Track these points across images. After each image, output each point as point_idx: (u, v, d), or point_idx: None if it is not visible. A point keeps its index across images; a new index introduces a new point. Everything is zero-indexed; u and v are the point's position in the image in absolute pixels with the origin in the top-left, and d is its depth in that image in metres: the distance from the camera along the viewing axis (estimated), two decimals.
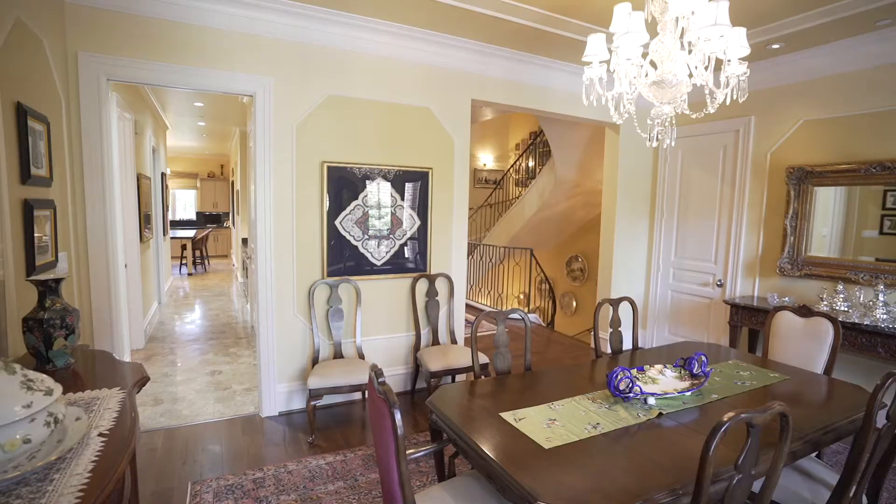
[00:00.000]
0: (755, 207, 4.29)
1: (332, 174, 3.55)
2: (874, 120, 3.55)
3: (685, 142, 4.84)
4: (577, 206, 7.30)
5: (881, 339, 3.20)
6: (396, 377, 3.98)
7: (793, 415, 2.04)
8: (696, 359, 2.30)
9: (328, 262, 3.61)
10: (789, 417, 1.42)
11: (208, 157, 13.51)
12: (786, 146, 4.08)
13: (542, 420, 1.87)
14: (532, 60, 4.12)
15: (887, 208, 3.55)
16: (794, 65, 3.90)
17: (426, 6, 3.12)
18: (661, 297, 5.12)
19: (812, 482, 2.00)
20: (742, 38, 1.99)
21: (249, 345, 5.30)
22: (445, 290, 4.08)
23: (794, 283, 4.05)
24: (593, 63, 2.09)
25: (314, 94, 3.43)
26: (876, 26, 3.26)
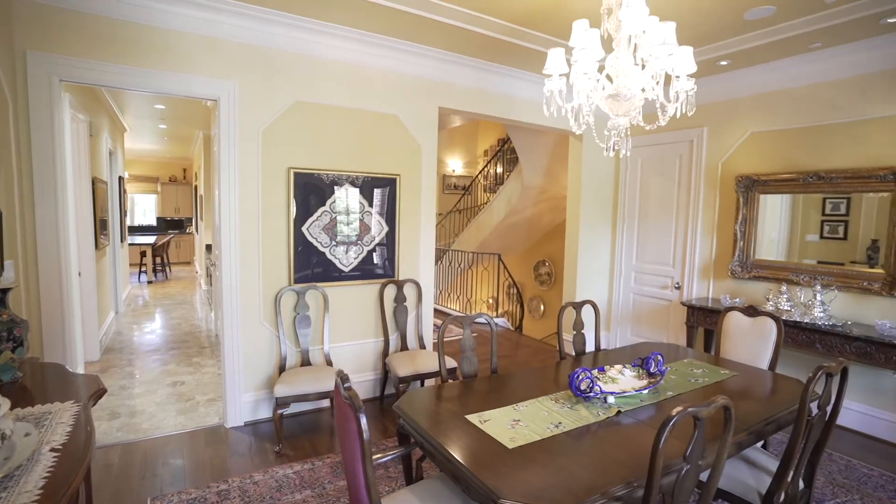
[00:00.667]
0: (709, 213, 4.51)
1: (299, 180, 3.54)
2: (812, 133, 3.80)
3: (644, 150, 5.05)
4: (544, 211, 7.47)
5: (819, 335, 3.43)
6: (365, 383, 3.98)
7: (737, 408, 2.17)
8: (653, 358, 2.42)
9: (295, 269, 3.59)
10: (732, 410, 1.52)
11: (170, 160, 13.10)
12: (735, 156, 4.31)
13: (507, 421, 1.93)
14: (498, 70, 4.22)
15: (826, 214, 3.80)
16: (742, 80, 4.14)
17: (393, 15, 3.16)
18: (624, 300, 5.30)
19: (756, 470, 2.13)
20: (689, 57, 2.12)
21: (214, 354, 5.17)
22: (414, 296, 4.11)
23: (744, 285, 4.27)
24: (553, 76, 2.18)
25: (281, 100, 3.42)
26: (809, 48, 3.51)
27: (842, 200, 3.69)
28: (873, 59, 3.42)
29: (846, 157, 3.63)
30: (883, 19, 3.00)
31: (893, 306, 3.42)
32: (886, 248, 3.45)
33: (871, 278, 3.52)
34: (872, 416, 3.53)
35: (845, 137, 3.62)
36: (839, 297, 3.67)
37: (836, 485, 2.84)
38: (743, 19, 3.14)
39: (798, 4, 2.90)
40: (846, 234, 3.70)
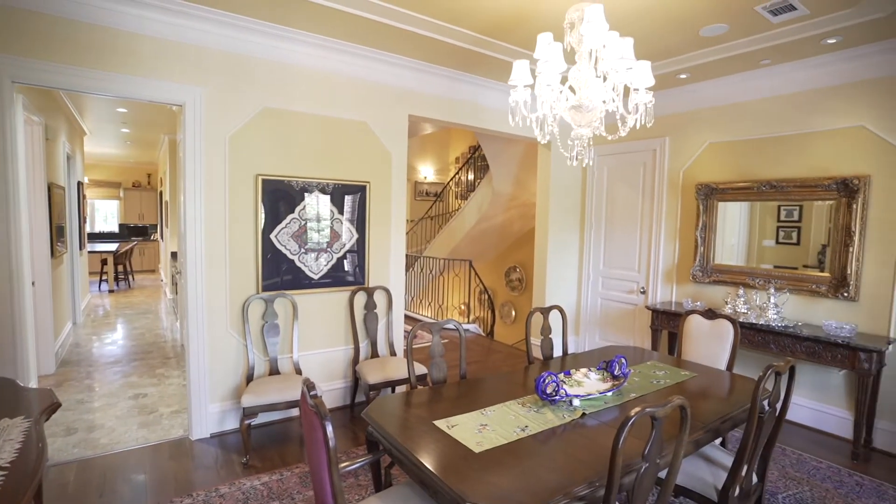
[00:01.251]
0: (671, 220, 4.68)
1: (268, 187, 3.50)
2: (764, 144, 4.00)
3: (610, 158, 5.20)
4: (515, 218, 7.57)
5: (773, 336, 3.59)
6: (335, 391, 3.94)
7: (695, 407, 2.26)
8: (617, 361, 2.49)
9: (263, 277, 3.54)
10: (687, 410, 1.58)
11: (133, 165, 12.70)
12: (695, 165, 4.49)
13: (474, 426, 1.95)
14: (468, 79, 4.28)
15: (781, 221, 3.99)
16: (700, 93, 4.33)
17: (362, 24, 3.18)
18: (592, 305, 5.42)
19: (714, 466, 2.22)
20: (647, 71, 2.22)
21: (179, 364, 5.02)
22: (384, 303, 4.10)
23: (705, 289, 4.44)
24: (518, 87, 2.24)
25: (249, 106, 3.38)
26: (760, 64, 3.71)
27: (795, 207, 3.89)
28: (818, 77, 3.63)
29: (795, 168, 3.83)
30: (824, 40, 3.20)
31: (838, 307, 3.62)
32: (831, 253, 3.65)
33: (818, 281, 3.72)
34: (821, 411, 3.72)
35: (794, 149, 3.83)
36: (791, 299, 3.85)
37: (789, 477, 2.98)
38: (699, 35, 3.29)
39: (748, 23, 3.06)
40: (799, 239, 3.89)
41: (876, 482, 2.96)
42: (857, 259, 3.51)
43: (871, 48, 3.28)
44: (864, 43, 3.25)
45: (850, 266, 3.53)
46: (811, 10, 2.87)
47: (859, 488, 2.89)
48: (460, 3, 2.89)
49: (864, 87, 3.46)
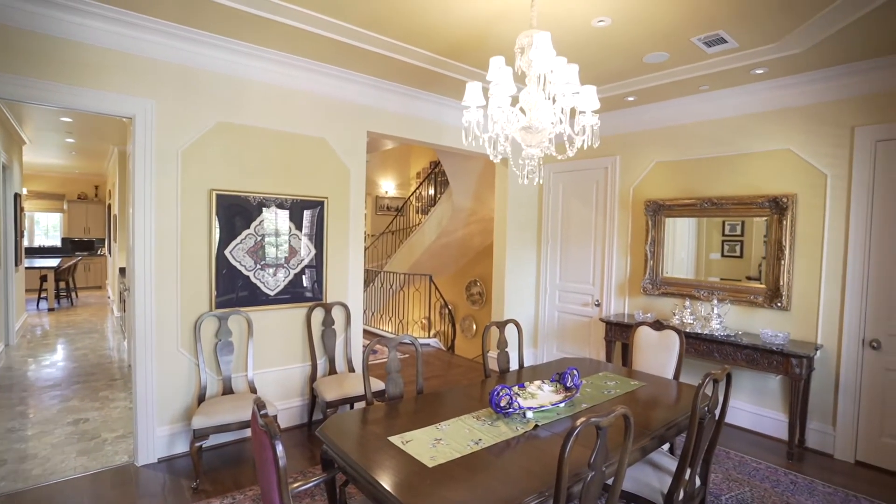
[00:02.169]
0: (623, 235, 4.88)
1: (222, 202, 3.44)
2: (705, 164, 4.27)
3: (565, 176, 5.39)
4: (475, 232, 7.69)
5: (716, 345, 3.79)
6: (292, 409, 3.86)
7: (642, 415, 2.36)
8: (569, 373, 2.57)
9: (218, 294, 3.45)
10: (630, 418, 1.66)
11: (79, 176, 12.09)
12: (644, 183, 4.73)
13: (429, 440, 1.97)
14: (426, 97, 4.36)
15: (726, 235, 4.24)
16: (647, 115, 4.58)
17: (319, 41, 3.21)
18: (550, 318, 5.55)
19: (660, 472, 2.32)
20: (593, 95, 2.34)
21: (126, 386, 4.78)
22: (342, 319, 4.07)
23: (655, 301, 4.64)
24: (471, 107, 2.32)
25: (202, 120, 3.33)
26: (699, 90, 3.98)
27: (738, 222, 4.14)
28: (749, 103, 3.92)
29: (733, 186, 4.10)
30: (753, 70, 3.47)
31: (774, 317, 3.87)
32: (766, 266, 3.91)
33: (756, 292, 3.97)
34: (761, 415, 3.94)
35: (731, 169, 4.10)
36: (732, 309, 4.09)
37: (731, 479, 3.14)
38: (643, 62, 3.50)
39: (686, 53, 3.29)
40: (742, 252, 4.14)
41: (808, 479, 3.16)
42: (789, 271, 3.78)
43: (793, 79, 3.59)
44: (786, 74, 3.55)
45: (783, 278, 3.79)
46: (740, 44, 3.12)
47: (793, 486, 3.07)
48: (418, 24, 2.97)
49: (789, 113, 3.76)
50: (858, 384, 3.45)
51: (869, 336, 3.41)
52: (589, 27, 2.91)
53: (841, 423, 3.51)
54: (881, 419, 3.37)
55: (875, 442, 3.39)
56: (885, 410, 3.35)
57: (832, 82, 3.50)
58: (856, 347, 3.45)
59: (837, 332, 3.55)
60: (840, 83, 3.47)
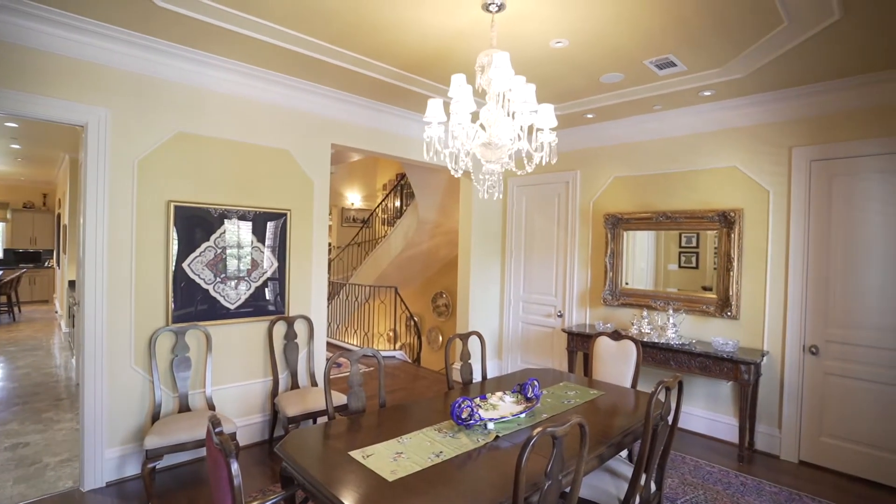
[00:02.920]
0: (584, 247, 5.03)
1: (181, 214, 3.35)
2: (659, 180, 4.47)
3: (528, 189, 5.52)
4: (441, 244, 7.73)
5: (671, 353, 3.94)
6: (253, 426, 3.76)
7: (599, 423, 2.43)
8: (530, 384, 2.62)
9: (175, 308, 3.35)
10: (586, 427, 1.72)
11: (25, 183, 11.47)
12: (603, 197, 4.89)
13: (390, 454, 1.97)
14: (391, 111, 4.40)
15: (682, 246, 4.42)
16: (605, 132, 4.76)
17: (282, 54, 3.20)
18: (514, 329, 5.63)
19: (617, 479, 2.39)
20: (550, 113, 2.43)
21: (73, 406, 4.54)
22: (305, 332, 4.01)
23: (614, 311, 4.79)
24: (433, 123, 2.36)
25: (161, 130, 3.25)
26: (653, 109, 4.18)
27: (693, 235, 4.32)
28: (699, 123, 4.14)
29: (686, 201, 4.30)
30: (701, 92, 3.68)
31: (724, 325, 4.06)
32: (717, 277, 4.11)
33: (708, 302, 4.15)
34: (714, 420, 4.10)
35: (684, 184, 4.31)
36: (687, 319, 4.26)
37: (687, 484, 3.25)
38: (600, 82, 3.65)
39: (639, 74, 3.46)
40: (698, 263, 4.32)
41: (756, 480, 3.31)
42: (737, 282, 3.98)
43: (737, 101, 3.82)
44: (731, 97, 3.78)
45: (732, 288, 3.99)
46: (688, 67, 3.30)
47: (743, 487, 3.21)
48: (382, 40, 3.01)
49: (734, 133, 3.99)
50: (800, 388, 3.65)
51: (808, 342, 3.63)
52: (548, 48, 3.03)
53: (785, 425, 3.71)
54: (820, 420, 3.57)
55: (816, 442, 3.59)
56: (824, 412, 3.56)
57: (772, 105, 3.74)
58: (797, 353, 3.66)
59: (781, 339, 3.76)
60: (779, 106, 3.72)
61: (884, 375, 3.31)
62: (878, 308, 3.34)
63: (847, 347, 3.47)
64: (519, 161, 2.52)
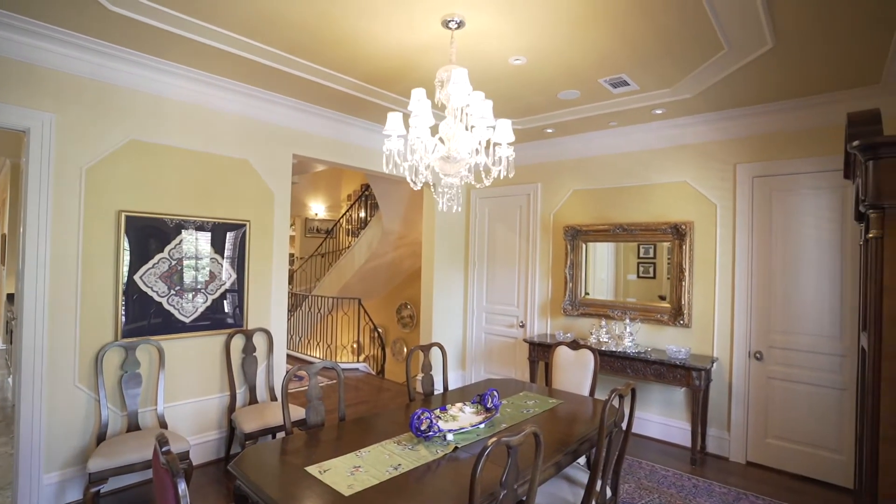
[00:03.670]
0: (545, 258, 5.14)
1: (133, 224, 3.23)
2: (616, 193, 4.63)
3: (490, 201, 5.61)
4: (405, 255, 7.72)
5: (628, 361, 4.07)
6: (208, 443, 3.63)
7: (556, 431, 2.47)
8: (489, 394, 2.65)
9: (126, 322, 3.21)
10: (540, 436, 1.75)
11: None
12: (563, 209, 5.03)
13: (347, 468, 1.95)
14: (354, 122, 4.40)
15: (640, 257, 4.58)
16: (565, 146, 4.91)
17: (243, 63, 3.16)
18: (477, 339, 5.67)
19: (574, 486, 2.44)
20: (508, 128, 2.50)
21: (8, 429, 4.25)
22: (264, 346, 3.92)
23: (574, 321, 4.90)
24: (392, 136, 2.39)
25: (112, 137, 3.14)
26: (609, 125, 4.35)
27: (651, 245, 4.49)
28: (652, 139, 4.34)
29: (641, 214, 4.47)
30: (653, 110, 3.86)
31: (678, 333, 4.22)
32: (671, 287, 4.28)
33: (662, 311, 4.31)
34: (669, 425, 4.25)
35: (640, 198, 4.48)
36: (643, 328, 4.41)
37: (643, 488, 3.34)
38: (557, 98, 3.77)
39: (595, 92, 3.60)
40: (655, 273, 4.49)
41: (707, 482, 3.44)
42: (689, 291, 4.16)
43: (686, 120, 4.03)
44: (681, 115, 3.98)
45: (684, 297, 4.16)
46: (641, 87, 3.46)
47: (695, 489, 3.33)
48: (344, 53, 3.02)
49: (685, 150, 4.20)
50: (747, 392, 3.84)
51: (754, 348, 3.82)
52: (507, 64, 3.11)
53: (734, 428, 3.88)
54: (765, 422, 3.76)
55: (762, 443, 3.77)
56: (769, 414, 3.75)
57: (718, 124, 3.97)
58: (744, 359, 3.85)
59: (729, 345, 3.94)
60: (724, 125, 3.95)
61: (820, 378, 3.53)
62: (813, 315, 3.56)
63: (788, 352, 3.68)
64: (478, 174, 2.56)
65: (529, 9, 2.42)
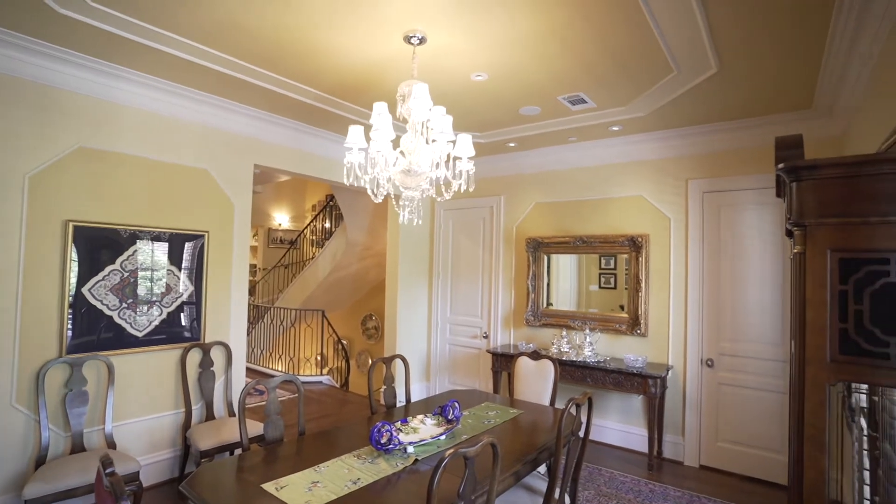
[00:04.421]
0: (507, 270, 5.22)
1: (83, 235, 3.10)
2: (576, 206, 4.77)
3: (454, 213, 5.67)
4: (370, 266, 7.67)
5: (588, 371, 4.17)
6: (162, 462, 3.48)
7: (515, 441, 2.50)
8: (450, 405, 2.66)
9: (72, 337, 3.06)
10: (497, 447, 1.78)
11: None
12: (525, 221, 5.13)
13: (305, 484, 1.92)
14: (317, 133, 4.37)
15: (602, 268, 4.71)
16: (527, 160, 5.03)
17: (200, 71, 3.11)
18: (441, 351, 5.68)
19: (534, 495, 2.47)
20: (468, 143, 2.55)
21: None
22: (223, 359, 3.81)
23: (537, 332, 4.99)
24: (353, 149, 2.40)
25: (59, 144, 3.01)
26: (568, 141, 4.49)
27: (611, 257, 4.62)
28: (610, 154, 4.50)
29: (600, 226, 4.62)
30: (610, 127, 4.02)
31: (635, 342, 4.36)
32: (628, 297, 4.43)
33: (620, 321, 4.45)
34: (628, 432, 4.36)
35: (599, 211, 4.63)
36: (603, 337, 4.53)
37: (602, 495, 3.42)
38: (519, 114, 3.87)
39: (554, 108, 3.72)
40: (615, 284, 4.62)
41: (663, 486, 3.55)
42: (645, 302, 4.31)
43: (642, 137, 4.21)
44: (637, 132, 4.16)
45: (641, 308, 4.31)
46: (597, 104, 3.60)
47: (652, 494, 3.43)
48: (306, 65, 3.01)
49: (640, 165, 4.38)
50: (699, 398, 3.99)
51: (706, 356, 3.99)
52: (468, 80, 3.18)
53: (688, 433, 4.02)
54: (717, 427, 3.92)
55: (714, 447, 3.93)
56: (720, 419, 3.91)
57: (671, 141, 4.16)
58: (697, 366, 4.01)
59: (683, 353, 4.10)
60: (677, 143, 4.14)
61: (766, 384, 3.71)
62: (758, 323, 3.76)
63: (736, 359, 3.86)
64: (439, 188, 2.60)
65: (489, 27, 2.49)
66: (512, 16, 2.38)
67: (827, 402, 1.17)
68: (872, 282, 1.14)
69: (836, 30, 2.39)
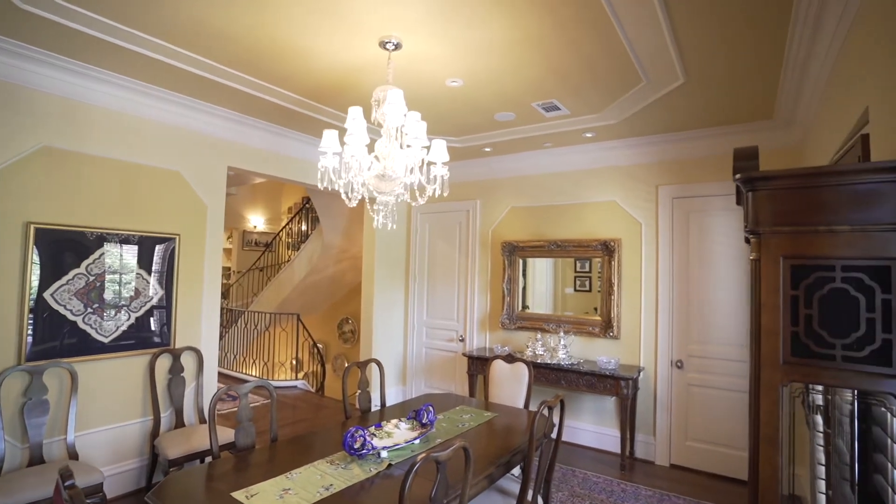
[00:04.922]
0: (483, 274, 5.26)
1: (46, 238, 3.00)
2: (551, 211, 4.85)
3: (431, 217, 5.68)
4: (346, 269, 7.62)
5: (562, 373, 4.22)
6: (128, 473, 3.38)
7: (489, 445, 2.53)
8: (424, 410, 2.67)
9: (32, 343, 2.95)
10: (469, 450, 1.80)
11: None
12: (501, 226, 5.18)
13: (276, 492, 1.90)
14: (292, 135, 4.33)
15: (577, 271, 4.78)
16: (502, 165, 5.08)
17: (173, 71, 3.05)
18: (418, 354, 5.68)
19: (508, 497, 2.50)
20: (443, 149, 2.58)
21: None
22: (193, 365, 3.73)
23: (512, 335, 5.03)
24: (328, 153, 2.39)
25: (20, 143, 2.91)
26: (543, 146, 4.56)
27: (587, 260, 4.69)
28: (584, 160, 4.59)
29: (574, 230, 4.70)
30: (583, 134, 4.10)
31: (608, 345, 4.45)
32: (601, 300, 4.51)
33: (594, 324, 4.53)
34: (601, 433, 4.44)
35: (573, 215, 4.71)
36: (576, 340, 4.61)
37: (576, 496, 3.47)
38: (494, 119, 3.92)
39: (529, 115, 3.77)
40: (590, 287, 4.69)
41: (635, 486, 3.63)
42: (618, 305, 4.40)
43: (614, 143, 4.31)
44: (609, 139, 4.25)
45: (614, 310, 4.40)
46: (570, 111, 3.68)
47: (623, 494, 3.50)
48: (282, 68, 2.99)
49: (613, 171, 4.48)
50: (670, 399, 4.10)
51: (675, 357, 4.10)
52: (444, 86, 3.21)
53: (659, 433, 4.12)
54: (686, 427, 4.02)
55: (683, 447, 4.03)
56: (689, 419, 4.02)
57: (642, 148, 4.27)
58: (667, 368, 4.12)
59: (654, 355, 4.20)
60: (647, 150, 4.25)
61: (732, 384, 3.83)
62: (724, 325, 3.88)
63: (704, 361, 3.97)
64: (413, 192, 2.61)
65: (463, 34, 2.52)
66: (487, 24, 2.41)
67: (780, 402, 1.23)
68: (821, 287, 1.21)
69: (790, 48, 2.51)
